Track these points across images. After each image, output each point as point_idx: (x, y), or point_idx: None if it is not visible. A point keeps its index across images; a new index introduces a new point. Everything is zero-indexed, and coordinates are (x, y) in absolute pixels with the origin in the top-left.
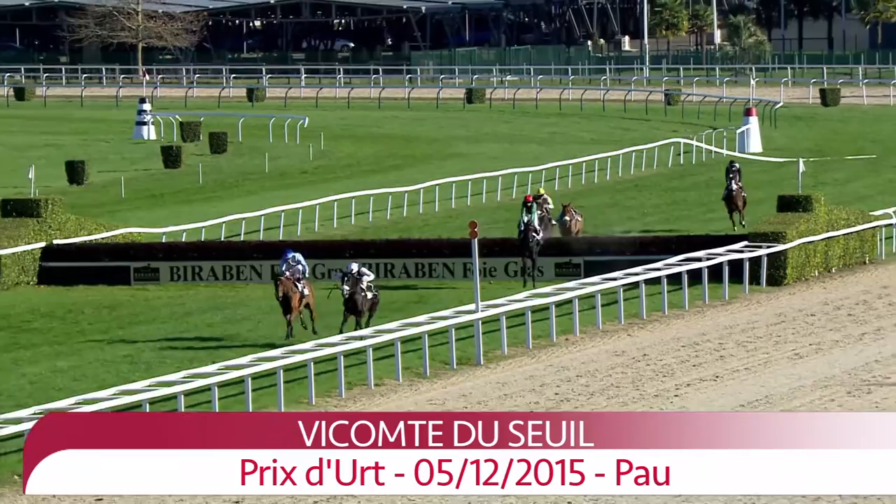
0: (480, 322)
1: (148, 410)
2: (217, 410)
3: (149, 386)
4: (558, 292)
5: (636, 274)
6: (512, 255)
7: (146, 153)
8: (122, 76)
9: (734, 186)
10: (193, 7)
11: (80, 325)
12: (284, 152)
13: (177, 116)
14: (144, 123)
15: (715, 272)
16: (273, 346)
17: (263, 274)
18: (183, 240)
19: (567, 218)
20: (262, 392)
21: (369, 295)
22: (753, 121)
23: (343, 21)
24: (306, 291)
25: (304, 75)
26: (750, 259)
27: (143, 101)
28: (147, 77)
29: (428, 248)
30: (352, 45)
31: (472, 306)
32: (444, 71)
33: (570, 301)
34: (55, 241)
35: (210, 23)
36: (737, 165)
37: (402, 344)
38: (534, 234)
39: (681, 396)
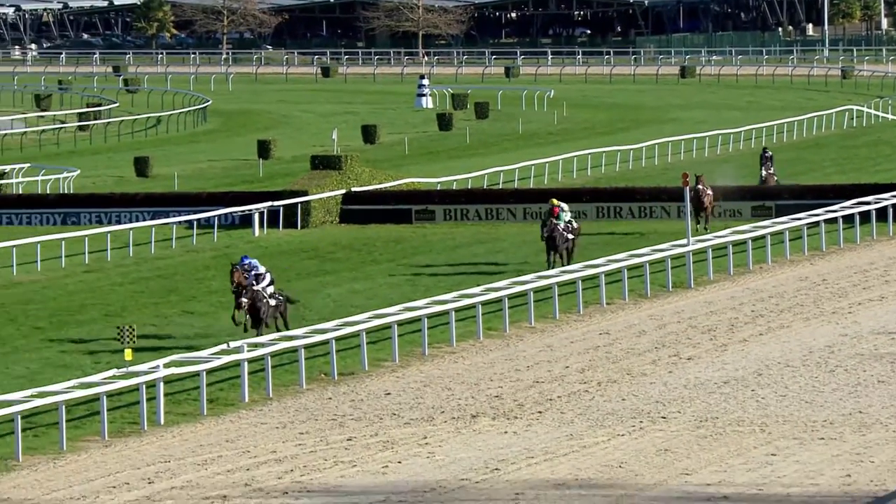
0: (691, 254)
1: (427, 325)
2: (481, 325)
3: (427, 303)
4: (754, 229)
5: (817, 214)
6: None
7: (424, 119)
8: (406, 57)
9: (764, 173)
10: (463, 2)
11: (373, 255)
12: (534, 118)
13: (449, 90)
14: (423, 95)
15: (881, 213)
16: (526, 273)
17: (517, 215)
18: (454, 187)
19: (700, 187)
20: (516, 309)
21: (273, 302)
22: None
23: (582, 13)
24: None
25: (550, 56)
26: None
27: (422, 77)
28: (426, 58)
29: (649, 194)
30: (588, 31)
31: (684, 241)
32: (662, 52)
33: (763, 237)
34: (353, 189)
35: (476, 14)
36: (769, 153)
37: (629, 271)
38: (563, 234)
39: (853, 313)
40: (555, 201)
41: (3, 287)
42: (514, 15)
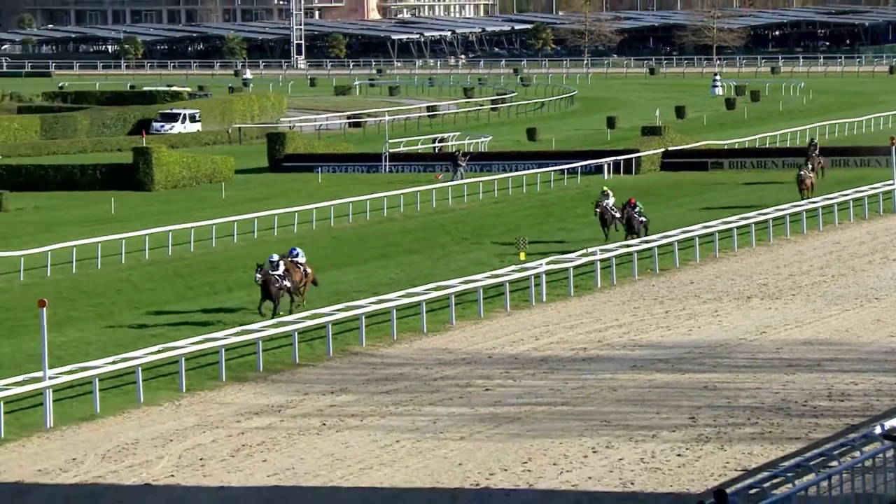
0: None
1: (718, 237)
2: (753, 237)
3: (720, 223)
4: None
5: None
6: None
7: (716, 102)
8: (705, 61)
9: (812, 154)
10: (743, 24)
11: (682, 192)
12: (790, 101)
13: (733, 83)
14: (716, 86)
15: None
16: (784, 203)
17: (779, 165)
18: (736, 146)
19: (802, 173)
20: (778, 227)
21: (281, 284)
22: None
23: (822, 31)
24: (308, 270)
25: (801, 60)
26: None
27: (715, 74)
28: (718, 61)
29: (868, 151)
30: (827, 43)
31: (892, 181)
32: (876, 57)
33: None
34: (669, 148)
35: (752, 33)
36: (815, 141)
37: (854, 202)
38: (638, 218)
39: None
40: (607, 189)
41: (441, 212)
42: (777, 33)
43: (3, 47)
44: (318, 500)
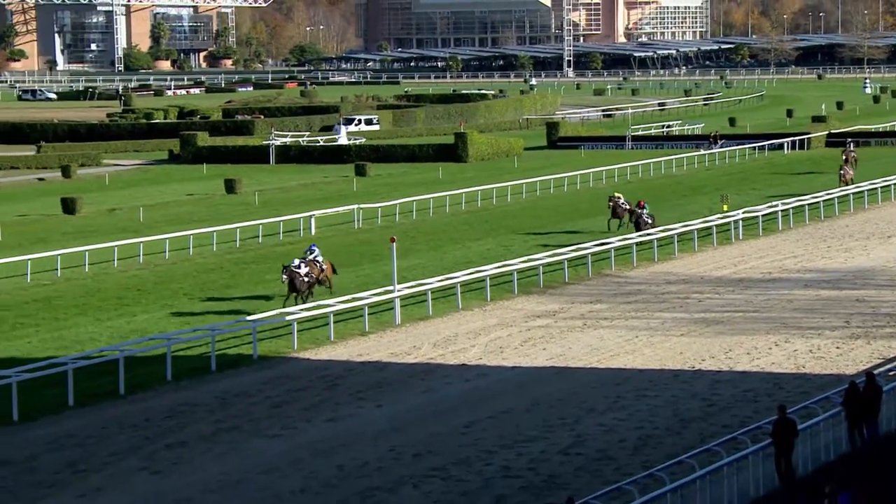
0: None
1: (866, 196)
2: (893, 195)
3: (868, 184)
4: None
5: None
6: None
7: (866, 99)
8: (857, 69)
9: (845, 156)
10: (886, 44)
11: (826, 165)
12: None
13: (878, 85)
14: (866, 87)
15: None
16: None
17: None
18: (880, 130)
19: (843, 172)
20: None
21: (306, 280)
22: None
23: None
24: (325, 267)
25: None
26: None
27: (866, 78)
28: (867, 69)
29: None
30: None
31: None
32: None
33: None
34: (832, 131)
35: (893, 49)
36: (851, 145)
37: None
38: (646, 220)
39: None
40: (618, 194)
41: (667, 176)
42: None
43: (368, 64)
44: (581, 377)
